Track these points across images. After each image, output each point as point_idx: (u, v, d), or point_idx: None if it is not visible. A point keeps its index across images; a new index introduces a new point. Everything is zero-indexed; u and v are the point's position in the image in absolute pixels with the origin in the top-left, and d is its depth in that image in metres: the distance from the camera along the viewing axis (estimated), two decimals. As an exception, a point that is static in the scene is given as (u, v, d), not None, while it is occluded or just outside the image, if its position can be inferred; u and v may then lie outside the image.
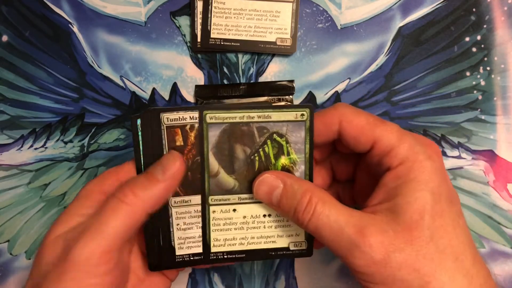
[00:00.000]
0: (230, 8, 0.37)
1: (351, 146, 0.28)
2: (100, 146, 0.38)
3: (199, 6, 0.37)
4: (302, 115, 0.28)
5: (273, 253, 0.29)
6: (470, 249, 0.25)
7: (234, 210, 0.29)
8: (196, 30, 0.37)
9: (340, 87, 0.38)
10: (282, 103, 0.37)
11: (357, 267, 0.24)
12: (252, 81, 0.38)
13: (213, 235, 0.29)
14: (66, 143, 0.38)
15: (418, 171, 0.25)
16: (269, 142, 0.28)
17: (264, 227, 0.29)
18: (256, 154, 0.28)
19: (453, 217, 0.25)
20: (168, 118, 0.28)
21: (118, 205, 0.25)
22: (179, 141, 0.28)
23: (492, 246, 0.37)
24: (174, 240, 0.29)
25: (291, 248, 0.29)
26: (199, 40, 0.37)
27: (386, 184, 0.26)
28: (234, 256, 0.29)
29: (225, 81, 0.38)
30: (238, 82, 0.38)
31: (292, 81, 0.37)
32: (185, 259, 0.29)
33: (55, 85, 0.38)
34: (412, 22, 0.38)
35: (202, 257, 0.29)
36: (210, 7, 0.37)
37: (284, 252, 0.29)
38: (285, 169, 0.28)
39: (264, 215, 0.29)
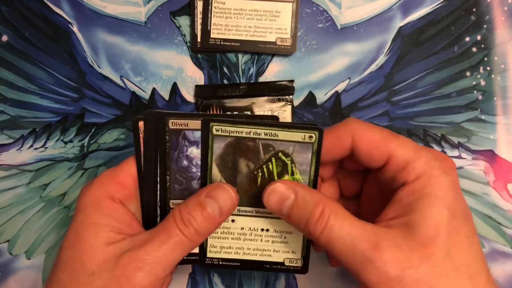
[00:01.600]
0: (230, 8, 0.37)
1: (363, 162, 0.27)
2: (100, 146, 0.38)
3: (199, 6, 0.37)
4: (310, 137, 0.27)
5: (267, 266, 0.29)
6: (484, 267, 0.24)
7: (233, 220, 0.29)
8: (196, 30, 0.37)
9: (340, 87, 0.38)
10: (282, 103, 0.37)
11: (370, 283, 0.23)
12: (252, 81, 0.38)
13: (210, 241, 0.29)
14: (66, 143, 0.38)
15: (434, 186, 0.24)
16: (273, 160, 0.28)
17: (261, 241, 0.29)
18: (259, 170, 0.28)
19: (468, 233, 0.24)
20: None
21: (183, 241, 0.26)
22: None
23: (492, 246, 0.37)
24: None
25: (286, 264, 0.29)
26: (199, 40, 0.37)
27: (400, 199, 0.25)
28: (229, 263, 0.29)
29: (225, 81, 0.38)
30: (238, 82, 0.38)
31: (292, 81, 0.37)
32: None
33: (55, 85, 0.38)
34: (412, 22, 0.38)
35: (197, 257, 0.29)
36: (210, 7, 0.37)
37: (279, 266, 0.29)
38: None
39: (262, 229, 0.29)
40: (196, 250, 0.29)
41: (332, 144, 0.27)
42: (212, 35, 0.37)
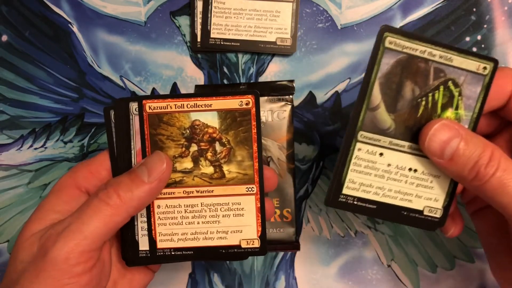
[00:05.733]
0: (230, 8, 0.37)
1: None
2: (100, 146, 0.38)
3: (199, 6, 0.37)
4: (485, 68, 0.25)
5: (405, 213, 0.27)
6: None
7: (381, 154, 0.26)
8: (196, 30, 0.37)
9: (340, 87, 0.38)
10: (282, 103, 0.37)
11: None
12: (252, 81, 0.38)
13: (350, 175, 0.26)
14: (66, 143, 0.38)
15: None
16: (441, 88, 0.25)
17: (406, 182, 0.26)
18: (424, 98, 0.25)
19: None
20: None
21: (101, 206, 0.24)
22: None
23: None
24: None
25: (425, 212, 0.27)
26: (199, 40, 0.37)
27: None
28: (364, 204, 0.26)
29: (225, 81, 0.38)
30: (238, 82, 0.38)
31: (292, 81, 0.37)
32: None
33: (55, 85, 0.38)
34: (412, 22, 0.38)
35: (332, 195, 0.26)
36: (210, 7, 0.37)
37: (417, 215, 0.27)
38: None
39: (410, 169, 0.26)
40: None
41: (492, 89, 0.26)
42: (212, 35, 0.37)
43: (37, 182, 0.38)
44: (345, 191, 0.26)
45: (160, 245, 0.28)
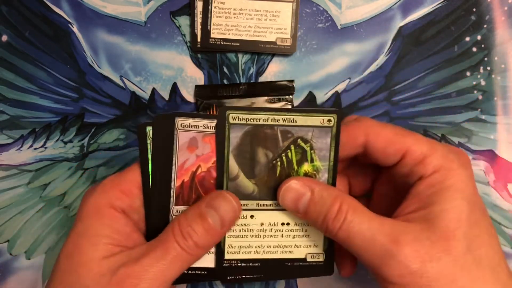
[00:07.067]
0: (230, 8, 0.37)
1: (379, 159, 0.27)
2: (100, 146, 0.38)
3: (199, 6, 0.37)
4: (329, 120, 0.27)
5: (289, 264, 0.28)
6: (504, 260, 0.24)
7: (252, 216, 0.28)
8: (196, 30, 0.37)
9: (340, 87, 0.38)
10: (282, 103, 0.37)
11: (390, 277, 0.23)
12: (252, 81, 0.38)
13: (228, 241, 0.28)
14: (66, 143, 0.38)
15: (453, 178, 0.24)
16: (292, 147, 0.27)
17: (282, 236, 0.28)
18: (278, 159, 0.27)
19: (487, 226, 0.24)
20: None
21: (183, 255, 0.25)
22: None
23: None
24: None
25: (308, 259, 0.28)
26: (199, 40, 0.37)
27: (418, 193, 0.25)
28: (248, 264, 0.28)
29: (225, 81, 0.38)
30: (238, 82, 0.38)
31: (292, 81, 0.37)
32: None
33: (55, 85, 0.38)
34: (412, 22, 0.38)
35: (214, 265, 0.28)
36: (210, 7, 0.37)
37: (301, 263, 0.28)
38: (308, 176, 0.27)
39: (283, 224, 0.28)
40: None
41: (346, 140, 0.27)
42: (212, 35, 0.37)
43: (37, 182, 0.38)
44: (227, 256, 0.28)
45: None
